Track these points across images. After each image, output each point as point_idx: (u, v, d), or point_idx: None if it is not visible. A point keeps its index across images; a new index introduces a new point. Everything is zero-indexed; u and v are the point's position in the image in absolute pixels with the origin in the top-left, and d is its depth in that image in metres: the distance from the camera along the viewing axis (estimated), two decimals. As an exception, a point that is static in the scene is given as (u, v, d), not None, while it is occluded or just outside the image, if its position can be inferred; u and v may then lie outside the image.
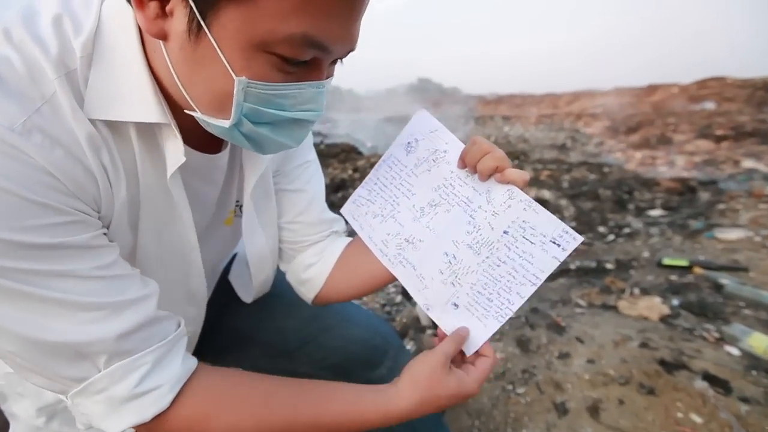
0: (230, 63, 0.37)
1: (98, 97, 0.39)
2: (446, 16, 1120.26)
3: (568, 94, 17.97)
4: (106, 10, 0.42)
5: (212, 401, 0.46)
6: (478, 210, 0.58)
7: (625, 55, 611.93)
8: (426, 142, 0.63)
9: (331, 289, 0.71)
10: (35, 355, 0.39)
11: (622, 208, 3.79)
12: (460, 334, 0.56)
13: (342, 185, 4.40)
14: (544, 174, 4.77)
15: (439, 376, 0.52)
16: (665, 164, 6.37)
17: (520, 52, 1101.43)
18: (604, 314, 1.69)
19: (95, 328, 0.39)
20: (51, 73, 0.37)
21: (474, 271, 0.58)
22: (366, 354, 0.82)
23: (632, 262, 2.33)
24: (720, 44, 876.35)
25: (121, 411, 0.42)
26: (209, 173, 0.56)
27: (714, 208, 3.37)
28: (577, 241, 0.52)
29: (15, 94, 0.35)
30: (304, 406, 0.49)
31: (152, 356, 0.43)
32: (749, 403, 1.10)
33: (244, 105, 0.39)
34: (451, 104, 19.60)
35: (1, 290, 0.36)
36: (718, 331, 1.49)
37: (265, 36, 0.36)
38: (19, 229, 0.34)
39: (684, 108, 11.19)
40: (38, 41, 0.37)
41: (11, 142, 0.34)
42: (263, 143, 0.44)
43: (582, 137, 8.96)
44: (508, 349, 1.46)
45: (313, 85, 0.42)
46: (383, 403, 0.52)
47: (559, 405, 1.19)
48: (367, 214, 0.67)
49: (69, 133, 0.38)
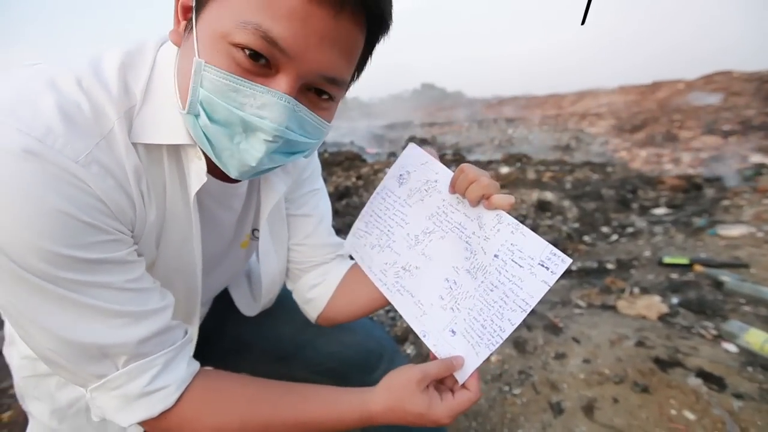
0: (199, 51, 0.42)
1: (142, 125, 0.46)
2: (449, 21, 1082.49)
3: (572, 94, 17.91)
4: (161, 56, 0.49)
5: (206, 401, 0.51)
6: (472, 236, 0.59)
7: (629, 52, 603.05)
8: (417, 173, 0.65)
9: (333, 309, 0.75)
10: (68, 352, 0.44)
11: (626, 207, 3.78)
12: (453, 363, 0.56)
13: (346, 193, 4.45)
14: (547, 176, 4.77)
15: (411, 391, 0.53)
16: (671, 162, 6.32)
17: (523, 54, 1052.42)
18: (602, 314, 1.71)
19: (121, 332, 0.45)
20: (112, 114, 0.44)
21: (471, 296, 0.58)
22: (361, 358, 0.84)
23: (633, 262, 2.34)
24: (726, 38, 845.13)
25: (133, 406, 0.47)
26: (228, 200, 0.62)
27: (718, 205, 3.34)
28: (565, 263, 0.51)
29: (81, 132, 0.41)
30: (284, 405, 0.54)
31: (163, 359, 0.48)
32: (743, 399, 1.11)
33: (200, 90, 0.42)
34: (455, 108, 19.65)
35: (52, 295, 0.41)
36: (716, 328, 1.50)
37: (228, 26, 0.40)
38: (73, 245, 0.40)
39: (690, 104, 11.08)
40: (104, 87, 0.44)
41: (74, 172, 0.40)
42: (221, 150, 0.46)
43: (586, 137, 8.92)
44: (505, 350, 1.48)
45: (272, 92, 0.42)
46: (359, 404, 0.55)
47: (555, 405, 1.21)
48: (366, 245, 0.71)
49: (119, 164, 0.44)
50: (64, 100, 0.41)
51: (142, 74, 0.47)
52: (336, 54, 0.43)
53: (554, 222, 3.42)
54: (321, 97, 0.46)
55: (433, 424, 0.54)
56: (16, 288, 0.41)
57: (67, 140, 0.40)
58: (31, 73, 0.43)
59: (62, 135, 0.39)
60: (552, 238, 3.01)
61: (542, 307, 1.83)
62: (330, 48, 0.42)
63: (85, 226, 0.41)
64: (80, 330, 0.43)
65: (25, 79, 0.42)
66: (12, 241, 0.38)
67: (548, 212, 3.66)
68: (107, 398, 0.47)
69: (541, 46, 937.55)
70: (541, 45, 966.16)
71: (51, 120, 0.39)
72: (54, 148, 0.39)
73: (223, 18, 0.40)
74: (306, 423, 0.54)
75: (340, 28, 0.41)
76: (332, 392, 0.57)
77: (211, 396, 0.52)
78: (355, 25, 0.43)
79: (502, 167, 5.34)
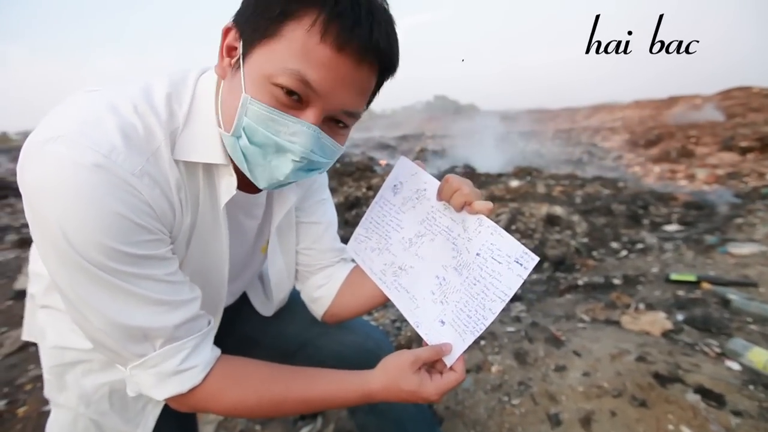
0: (245, 86, 0.51)
1: (183, 145, 0.55)
2: (463, 33, 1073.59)
3: (586, 108, 17.83)
4: (201, 85, 0.59)
5: (227, 380, 0.60)
6: (458, 238, 0.66)
7: (645, 67, 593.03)
8: (409, 183, 0.73)
9: (337, 306, 0.84)
10: (115, 333, 0.52)
11: (637, 223, 3.75)
12: (443, 348, 0.64)
13: (356, 203, 4.51)
14: (557, 190, 4.76)
15: (405, 372, 0.61)
16: (685, 178, 6.24)
17: (537, 67, 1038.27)
18: (605, 329, 1.71)
19: (161, 318, 0.54)
20: (159, 134, 0.53)
21: (458, 290, 0.65)
22: (360, 357, 0.88)
23: (640, 278, 2.33)
24: (745, 52, 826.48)
25: (166, 383, 0.56)
26: (251, 209, 0.72)
27: (731, 223, 3.30)
28: (534, 261, 0.58)
29: (137, 150, 0.50)
30: (295, 385, 0.62)
31: (192, 343, 0.57)
32: (742, 416, 1.11)
33: (244, 119, 0.52)
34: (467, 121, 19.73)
35: (106, 284, 0.49)
36: (720, 346, 1.50)
37: (273, 70, 0.49)
38: (127, 243, 0.49)
39: (707, 119, 10.93)
40: (154, 112, 0.53)
41: (131, 182, 0.48)
42: (255, 165, 0.55)
43: (599, 152, 8.87)
44: (506, 361, 1.50)
45: (302, 123, 0.52)
46: (360, 383, 0.63)
47: (553, 416, 1.23)
48: (366, 249, 0.79)
49: (164, 177, 0.53)
50: (124, 123, 0.50)
51: (184, 101, 0.57)
52: (355, 93, 0.54)
53: (563, 236, 3.42)
54: (338, 125, 0.57)
55: (424, 400, 0.62)
56: (78, 276, 0.49)
57: (126, 156, 0.48)
58: (94, 98, 0.52)
59: (123, 152, 0.48)
60: (560, 253, 3.01)
61: (545, 321, 1.85)
62: (351, 89, 0.53)
63: (137, 227, 0.49)
64: (127, 314, 0.51)
65: (89, 104, 0.51)
66: (79, 237, 0.47)
67: (557, 226, 3.65)
68: (145, 375, 0.55)
69: (557, 59, 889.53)
70: (557, 58, 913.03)
71: (114, 139, 0.48)
72: (116, 163, 0.47)
73: (268, 63, 0.50)
74: (314, 399, 0.62)
75: (360, 74, 0.52)
76: (337, 374, 0.65)
77: (232, 376, 0.60)
78: (371, 72, 0.53)
79: (512, 180, 5.36)
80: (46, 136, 0.47)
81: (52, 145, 0.46)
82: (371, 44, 0.50)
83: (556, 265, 2.87)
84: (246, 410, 0.61)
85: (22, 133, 37.00)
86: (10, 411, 1.59)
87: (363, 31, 0.49)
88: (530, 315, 1.93)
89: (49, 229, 0.47)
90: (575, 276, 2.61)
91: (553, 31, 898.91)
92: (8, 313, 2.49)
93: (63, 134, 0.46)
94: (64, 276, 0.50)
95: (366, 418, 0.91)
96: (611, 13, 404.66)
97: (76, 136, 0.46)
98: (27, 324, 0.76)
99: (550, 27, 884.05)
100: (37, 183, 0.46)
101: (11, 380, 1.80)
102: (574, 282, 2.48)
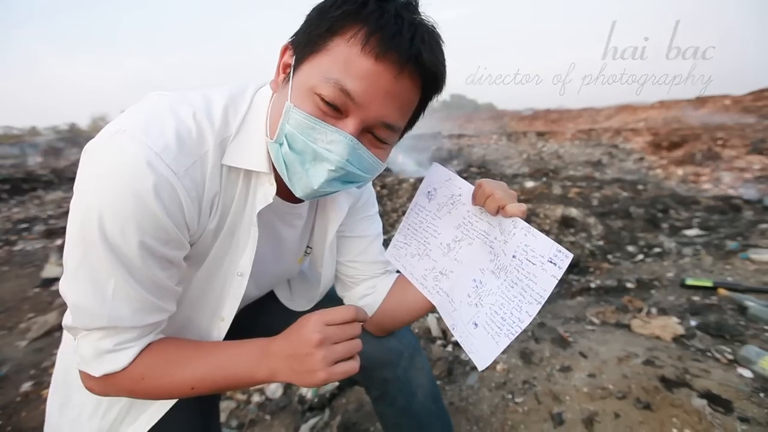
0: (291, 96, 0.55)
1: (232, 152, 0.59)
2: (481, 32, 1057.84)
3: (609, 108, 17.38)
4: (257, 98, 0.63)
5: (141, 363, 0.60)
6: (495, 241, 0.67)
7: (674, 67, 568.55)
8: (443, 189, 0.75)
9: (381, 316, 0.84)
10: (92, 301, 0.55)
11: (655, 227, 3.66)
12: (355, 310, 0.61)
13: (369, 201, 4.54)
14: (573, 191, 4.69)
15: (305, 320, 0.61)
16: (710, 181, 6.04)
17: (557, 66, 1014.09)
18: (615, 332, 1.70)
19: (135, 314, 0.57)
20: (210, 141, 0.57)
21: (494, 293, 0.66)
22: (382, 355, 0.89)
23: (654, 282, 2.29)
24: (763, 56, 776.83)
25: (103, 359, 0.58)
26: (291, 219, 0.74)
27: (755, 228, 3.19)
28: (568, 258, 0.58)
29: (187, 152, 0.54)
30: (195, 365, 0.61)
31: (138, 332, 0.59)
32: (749, 423, 1.09)
33: (286, 126, 0.55)
34: (485, 120, 19.52)
35: (110, 262, 0.52)
36: (732, 353, 1.47)
37: (316, 81, 0.52)
38: (151, 237, 0.53)
39: (736, 121, 10.52)
40: (210, 120, 0.57)
41: (173, 183, 0.52)
42: (293, 173, 0.57)
43: (620, 153, 8.65)
44: (511, 360, 1.50)
45: (339, 132, 0.54)
46: (259, 343, 0.63)
47: (555, 416, 1.23)
48: (406, 255, 0.81)
49: (203, 180, 0.56)
50: (181, 126, 0.54)
51: (239, 112, 0.61)
52: (394, 106, 0.55)
53: (577, 239, 3.37)
54: (378, 140, 0.58)
55: (315, 345, 0.58)
56: (90, 250, 0.52)
57: (176, 156, 0.53)
58: (162, 101, 0.57)
59: (173, 151, 0.52)
60: (574, 255, 2.97)
61: (554, 322, 1.84)
62: (390, 101, 0.54)
63: (165, 227, 0.53)
64: (109, 301, 0.54)
65: (156, 105, 0.56)
66: (113, 223, 0.51)
67: (572, 228, 3.61)
68: (86, 346, 0.58)
69: (576, 58, 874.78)
70: (576, 58, 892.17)
71: (169, 139, 0.52)
72: (165, 162, 0.51)
73: (312, 75, 0.53)
74: (216, 363, 0.61)
75: (399, 86, 0.53)
76: (233, 344, 0.65)
77: (141, 361, 0.60)
78: (412, 85, 0.55)
79: (528, 181, 5.30)
80: (116, 127, 0.52)
81: (117, 136, 0.51)
82: (411, 54, 0.51)
83: (569, 267, 2.82)
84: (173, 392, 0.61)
85: (50, 128, 38.45)
86: (35, 392, 1.69)
87: (403, 41, 0.50)
88: (539, 316, 1.93)
89: (86, 205, 0.51)
90: (588, 279, 2.57)
91: (574, 28, 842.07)
92: (35, 299, 2.63)
93: (128, 128, 0.51)
94: (79, 245, 0.52)
95: (386, 409, 0.93)
96: (627, 17, 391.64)
97: (138, 132, 0.51)
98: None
99: (571, 25, 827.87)
100: (95, 164, 0.51)
101: (37, 363, 1.90)
102: (587, 285, 2.45)
